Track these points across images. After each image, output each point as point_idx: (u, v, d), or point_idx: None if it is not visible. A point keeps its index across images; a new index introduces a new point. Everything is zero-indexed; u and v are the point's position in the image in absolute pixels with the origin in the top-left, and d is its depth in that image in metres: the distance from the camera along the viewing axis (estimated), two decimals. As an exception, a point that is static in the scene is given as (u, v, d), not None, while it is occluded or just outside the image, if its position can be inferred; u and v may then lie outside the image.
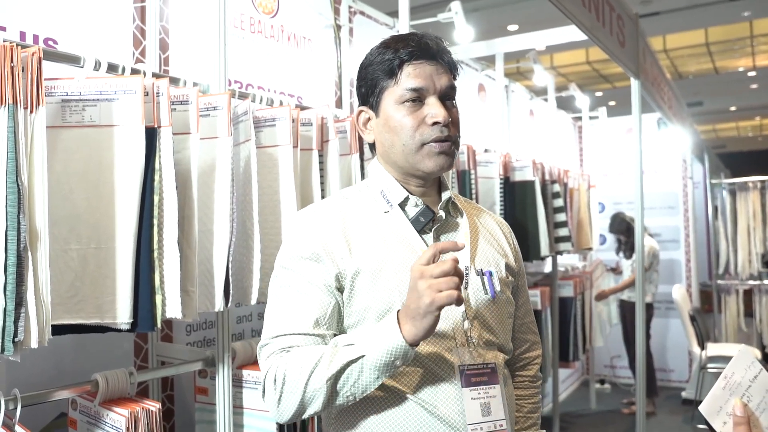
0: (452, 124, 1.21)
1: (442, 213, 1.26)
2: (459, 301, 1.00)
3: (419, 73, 1.19)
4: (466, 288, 1.21)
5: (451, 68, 1.25)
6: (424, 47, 1.20)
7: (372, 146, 1.31)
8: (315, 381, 1.07)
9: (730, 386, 1.10)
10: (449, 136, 1.20)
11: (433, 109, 1.18)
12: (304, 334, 1.15)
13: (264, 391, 1.15)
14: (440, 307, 1.00)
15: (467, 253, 1.24)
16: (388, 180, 1.26)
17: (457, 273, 1.01)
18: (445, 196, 1.28)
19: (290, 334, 1.15)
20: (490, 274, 1.25)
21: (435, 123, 1.18)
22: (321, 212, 1.25)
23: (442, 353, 1.16)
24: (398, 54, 1.19)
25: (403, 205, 1.24)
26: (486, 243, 1.31)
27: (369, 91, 1.25)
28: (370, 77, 1.24)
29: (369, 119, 1.28)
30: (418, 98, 1.19)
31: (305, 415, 1.12)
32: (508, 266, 1.32)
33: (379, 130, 1.25)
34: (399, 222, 1.23)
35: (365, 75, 1.25)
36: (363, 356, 1.05)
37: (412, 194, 1.25)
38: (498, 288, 1.25)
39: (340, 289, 1.18)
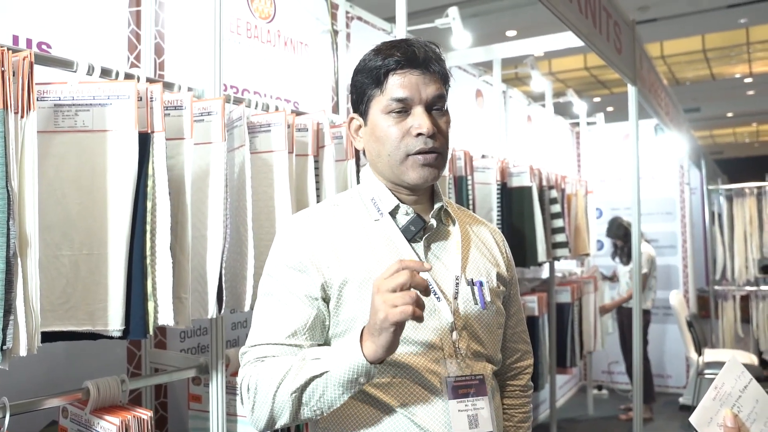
0: (439, 134, 1.19)
1: (433, 221, 1.24)
2: (418, 318, 0.96)
3: (405, 83, 1.17)
4: (456, 298, 1.20)
5: (441, 76, 1.22)
6: (410, 56, 1.17)
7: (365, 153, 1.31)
8: (282, 394, 1.07)
9: (721, 397, 1.10)
10: (434, 148, 1.18)
11: (418, 119, 1.16)
12: (281, 344, 1.15)
13: (241, 398, 1.16)
14: (395, 324, 0.96)
15: (458, 262, 1.23)
16: (379, 188, 1.25)
17: (417, 285, 0.98)
18: (437, 204, 1.26)
19: (267, 344, 1.15)
20: (480, 284, 1.23)
21: (419, 134, 1.16)
22: (310, 220, 1.24)
23: (429, 364, 1.14)
24: (385, 62, 1.18)
25: (393, 213, 1.23)
26: (477, 252, 1.29)
27: (359, 98, 1.24)
28: (359, 85, 1.23)
29: (360, 126, 1.27)
30: (403, 109, 1.18)
31: (277, 426, 1.12)
32: (499, 276, 1.30)
33: (367, 138, 1.25)
34: (389, 230, 1.21)
35: (355, 82, 1.25)
36: (327, 372, 1.04)
37: (403, 202, 1.23)
38: (488, 299, 1.24)
39: (326, 299, 1.17)
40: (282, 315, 1.16)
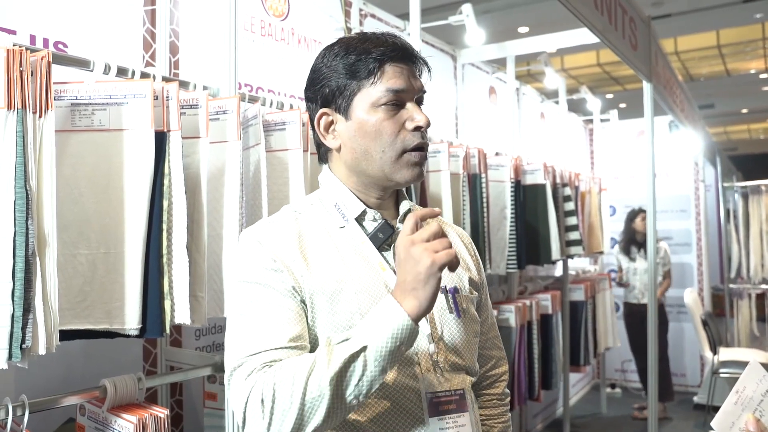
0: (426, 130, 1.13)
1: (401, 227, 1.13)
2: (455, 264, 0.95)
3: (399, 74, 1.10)
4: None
5: (426, 70, 1.17)
6: (401, 47, 1.12)
7: (323, 154, 1.20)
8: (313, 386, 0.93)
9: (742, 401, 1.08)
10: (427, 143, 1.13)
11: (414, 113, 1.10)
12: (287, 348, 1.01)
13: (245, 418, 0.98)
14: (441, 268, 0.94)
15: None
16: (343, 192, 1.16)
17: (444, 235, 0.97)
18: (403, 207, 1.18)
19: (271, 350, 1.00)
20: (455, 291, 1.17)
21: (416, 128, 1.10)
22: (274, 227, 1.13)
23: (407, 381, 1.07)
24: (374, 53, 1.10)
25: (359, 219, 1.15)
26: None
27: (336, 92, 1.13)
28: (336, 77, 1.12)
29: (332, 123, 1.15)
30: (397, 102, 1.10)
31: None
32: (471, 281, 1.24)
33: (350, 135, 1.12)
34: (356, 238, 1.13)
35: (330, 74, 1.13)
36: (365, 347, 0.93)
37: (369, 207, 1.15)
38: (464, 306, 1.17)
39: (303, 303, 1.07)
40: (277, 317, 1.03)
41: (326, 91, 1.14)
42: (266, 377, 0.96)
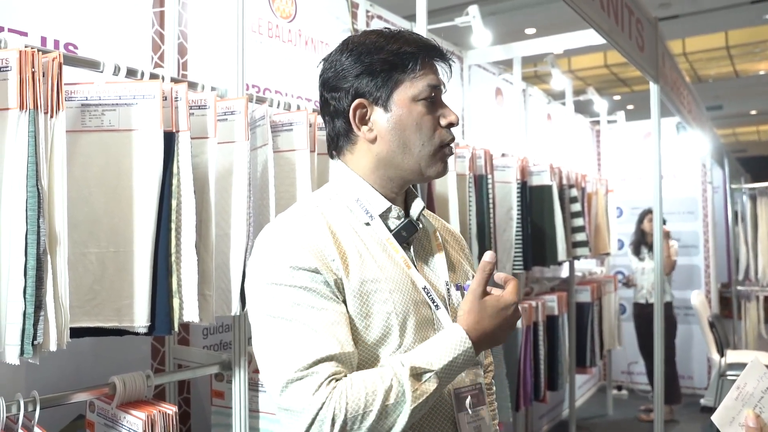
0: None
1: (421, 226, 1.17)
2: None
3: (437, 70, 1.14)
4: (448, 305, 1.16)
5: (450, 71, 1.19)
6: (437, 46, 1.15)
7: (339, 146, 1.17)
8: (393, 412, 0.96)
9: (743, 397, 1.09)
10: (454, 139, 1.17)
11: (446, 110, 1.14)
12: (343, 354, 0.99)
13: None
14: None
15: (444, 267, 1.18)
16: (364, 187, 1.14)
17: None
18: (418, 205, 1.18)
19: (329, 360, 0.97)
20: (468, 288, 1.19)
21: (449, 124, 1.13)
22: (304, 222, 1.09)
23: None
24: (413, 48, 1.11)
25: (383, 216, 1.14)
26: (455, 254, 1.27)
27: (376, 83, 1.10)
28: (378, 68, 1.10)
29: (366, 114, 1.12)
30: (433, 98, 1.12)
31: None
32: (473, 276, 1.24)
33: (389, 127, 1.11)
34: (382, 235, 1.12)
35: (368, 65, 1.11)
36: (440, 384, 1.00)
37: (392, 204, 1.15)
38: None
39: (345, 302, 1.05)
40: (325, 322, 1.00)
41: (363, 81, 1.11)
42: (336, 394, 0.95)
